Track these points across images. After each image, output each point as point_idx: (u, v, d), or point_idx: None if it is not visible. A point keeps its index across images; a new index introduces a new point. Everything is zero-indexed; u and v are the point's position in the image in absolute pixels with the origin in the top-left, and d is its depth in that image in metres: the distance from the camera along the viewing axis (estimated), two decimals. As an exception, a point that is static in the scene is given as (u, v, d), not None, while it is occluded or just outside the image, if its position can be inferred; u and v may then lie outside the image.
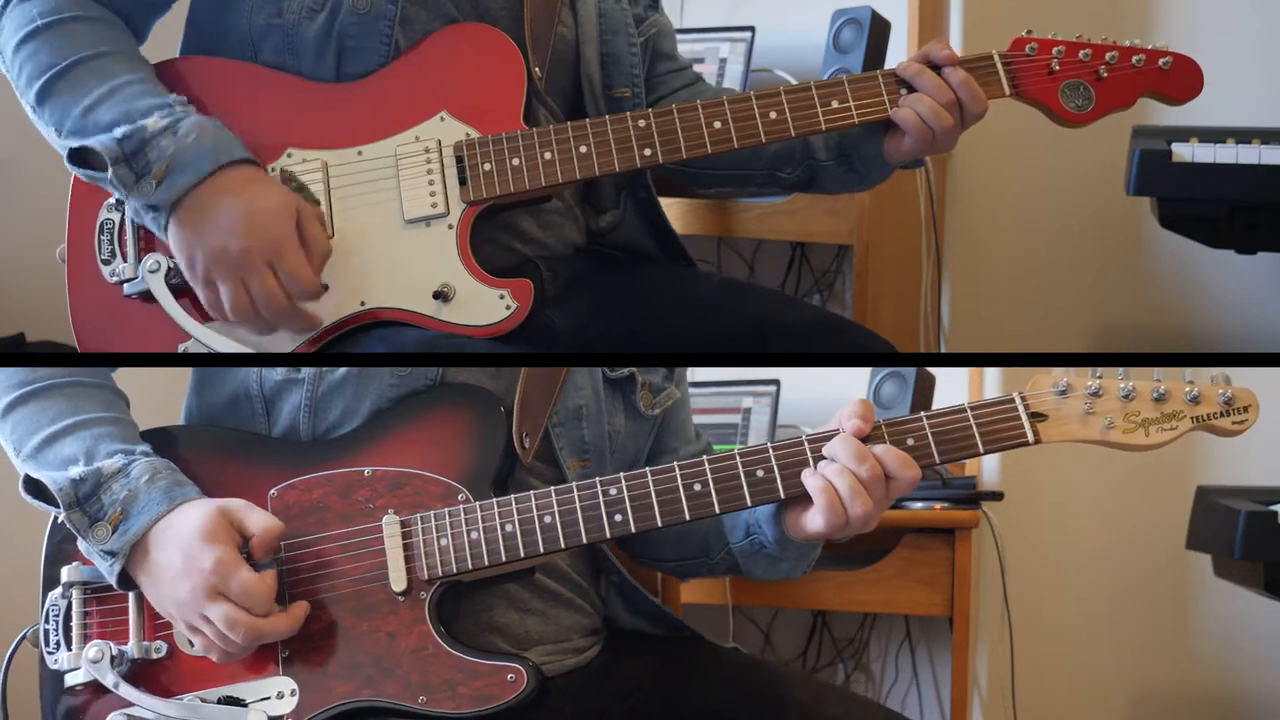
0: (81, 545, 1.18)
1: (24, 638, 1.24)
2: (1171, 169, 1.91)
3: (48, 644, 1.22)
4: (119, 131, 1.21)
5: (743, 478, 1.18)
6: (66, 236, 1.31)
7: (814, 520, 1.17)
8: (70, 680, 1.20)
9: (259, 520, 1.18)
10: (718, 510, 1.18)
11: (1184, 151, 1.91)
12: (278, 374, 1.27)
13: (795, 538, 1.22)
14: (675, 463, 1.19)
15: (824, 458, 1.17)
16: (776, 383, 2.41)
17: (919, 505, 2.22)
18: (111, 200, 1.29)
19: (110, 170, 1.20)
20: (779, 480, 1.17)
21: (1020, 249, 2.61)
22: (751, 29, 2.46)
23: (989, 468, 2.41)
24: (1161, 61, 1.38)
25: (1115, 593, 2.51)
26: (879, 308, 2.25)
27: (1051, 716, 2.53)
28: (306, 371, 1.26)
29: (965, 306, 2.64)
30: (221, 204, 1.21)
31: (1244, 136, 1.91)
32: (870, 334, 1.46)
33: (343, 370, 1.26)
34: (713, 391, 2.46)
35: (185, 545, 1.15)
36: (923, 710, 2.58)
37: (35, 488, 1.19)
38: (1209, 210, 1.93)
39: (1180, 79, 1.38)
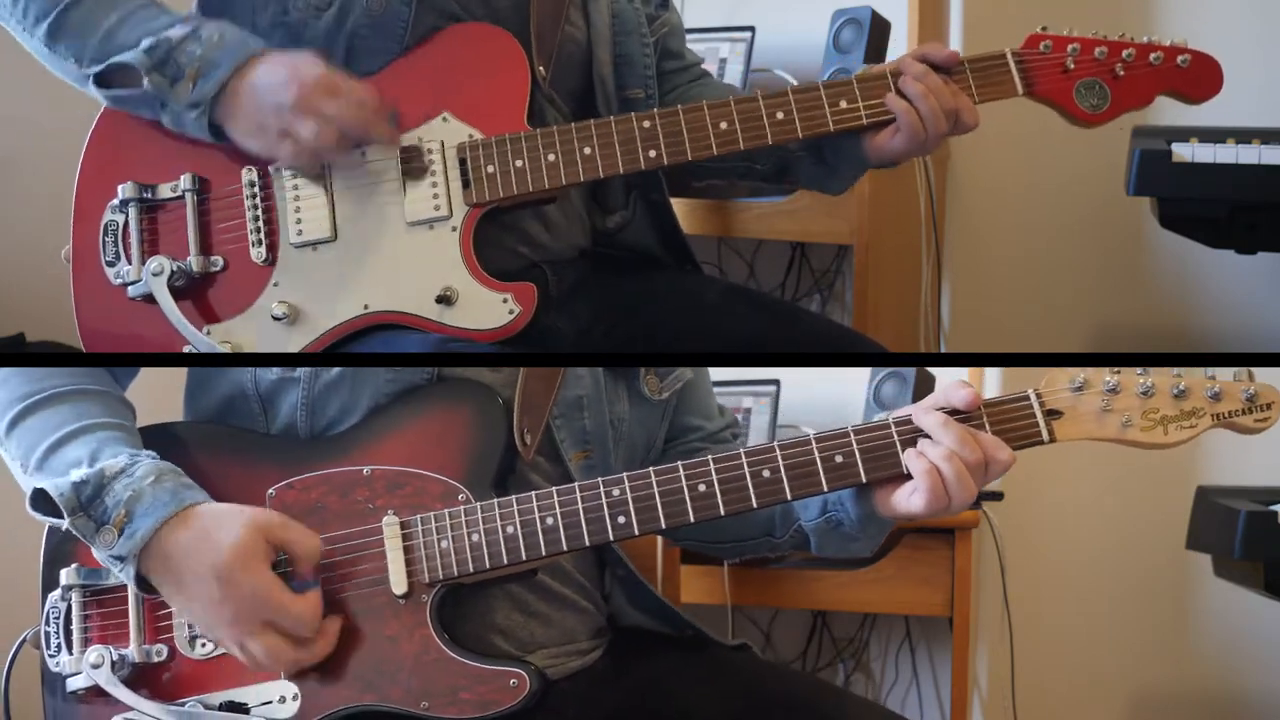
0: (95, 553, 1.16)
1: (25, 640, 1.23)
2: (1171, 169, 1.91)
3: (49, 646, 1.21)
4: (145, 44, 1.24)
5: (748, 478, 1.15)
6: (71, 237, 1.31)
7: (913, 501, 1.14)
8: (72, 685, 1.19)
9: (301, 538, 1.16)
10: (723, 512, 1.16)
11: (1184, 151, 1.90)
12: (272, 374, 1.26)
13: (885, 516, 1.19)
14: (680, 463, 1.17)
15: (912, 440, 1.15)
16: (776, 383, 2.40)
17: (919, 505, 2.22)
18: (116, 201, 1.29)
19: (145, 79, 1.24)
20: (786, 481, 1.15)
21: (1020, 249, 2.61)
22: (751, 29, 2.46)
23: (989, 468, 2.41)
24: (1180, 59, 1.33)
25: (1115, 593, 2.51)
26: (879, 308, 2.25)
27: (1051, 716, 2.53)
28: (302, 371, 1.25)
29: (965, 306, 2.64)
30: (258, 78, 1.24)
31: (1244, 136, 1.91)
32: (872, 344, 1.45)
33: (338, 368, 1.25)
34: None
35: (220, 568, 1.12)
36: (923, 710, 2.58)
37: (42, 500, 1.16)
38: (1209, 210, 1.92)
39: (1199, 77, 1.34)
